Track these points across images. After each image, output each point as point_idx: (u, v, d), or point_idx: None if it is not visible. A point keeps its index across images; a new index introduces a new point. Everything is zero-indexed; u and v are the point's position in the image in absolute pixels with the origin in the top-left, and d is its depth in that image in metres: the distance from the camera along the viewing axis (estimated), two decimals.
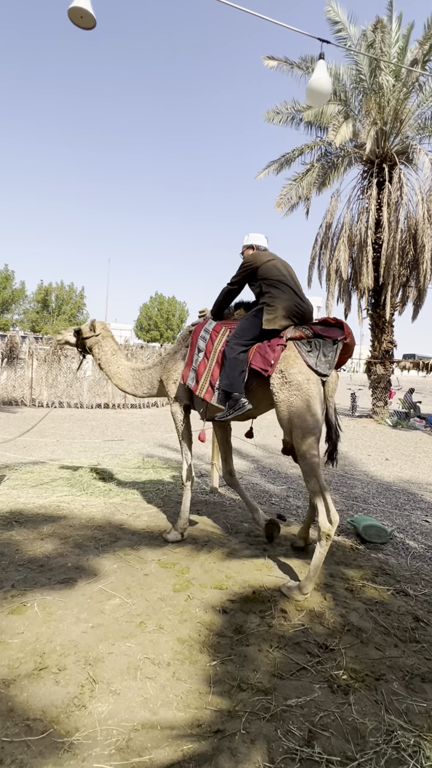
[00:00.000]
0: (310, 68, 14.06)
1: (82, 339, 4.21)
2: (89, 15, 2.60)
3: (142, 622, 2.39)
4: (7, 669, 1.98)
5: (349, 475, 6.39)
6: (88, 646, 2.17)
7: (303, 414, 2.80)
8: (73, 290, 46.73)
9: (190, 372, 3.37)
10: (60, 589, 2.70)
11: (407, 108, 13.78)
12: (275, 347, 2.96)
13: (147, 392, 4.00)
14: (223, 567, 3.10)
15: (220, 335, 3.28)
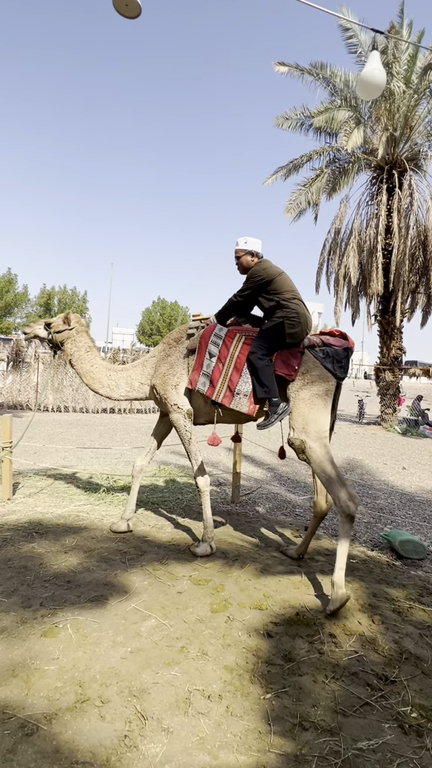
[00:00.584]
0: (320, 74, 14.07)
1: (53, 333, 3.85)
2: (135, 2, 2.48)
3: (183, 647, 2.23)
4: (47, 701, 1.82)
5: (369, 485, 6.23)
6: (129, 675, 2.01)
7: (321, 410, 3.09)
8: (75, 294, 46.70)
9: (200, 377, 3.33)
10: (91, 609, 2.54)
11: (417, 114, 13.76)
12: (296, 354, 3.19)
13: (124, 395, 3.82)
14: (258, 585, 2.94)
15: (235, 341, 3.30)
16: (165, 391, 3.53)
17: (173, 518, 4.24)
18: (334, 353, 3.18)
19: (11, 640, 2.20)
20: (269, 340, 3.19)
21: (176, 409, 3.50)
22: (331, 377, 3.15)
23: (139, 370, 3.81)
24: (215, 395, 3.29)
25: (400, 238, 13.34)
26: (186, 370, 3.50)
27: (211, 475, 6.13)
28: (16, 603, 2.56)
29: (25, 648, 2.15)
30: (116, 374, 3.83)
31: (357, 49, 13.67)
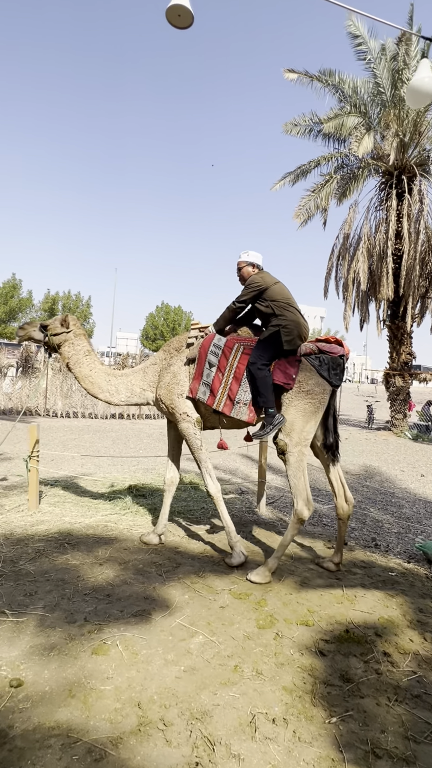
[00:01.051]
0: (329, 81, 14.12)
1: (50, 336, 3.76)
2: (187, 12, 2.47)
3: (236, 666, 2.18)
4: (110, 724, 1.77)
5: (390, 493, 6.17)
6: (188, 695, 1.96)
7: (309, 418, 3.19)
8: (79, 299, 46.81)
9: (200, 386, 3.39)
10: (136, 624, 2.50)
11: (426, 120, 13.77)
12: (293, 362, 3.27)
13: (125, 400, 3.79)
14: (301, 599, 2.89)
15: (234, 351, 3.36)
16: (171, 401, 3.53)
17: (202, 528, 4.19)
18: (330, 361, 3.27)
19: (63, 658, 2.16)
20: (268, 349, 3.26)
21: (185, 418, 3.49)
22: (327, 385, 3.26)
23: (140, 376, 3.79)
24: (216, 404, 3.35)
25: (410, 243, 13.33)
26: (188, 378, 3.52)
27: (231, 483, 6.08)
28: (61, 618, 2.51)
29: (77, 666, 2.11)
30: (116, 380, 3.81)
31: (366, 56, 13.71)
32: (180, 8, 2.45)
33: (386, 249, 13.58)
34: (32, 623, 2.45)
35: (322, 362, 3.26)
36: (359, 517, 4.88)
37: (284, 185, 16.10)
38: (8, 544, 3.50)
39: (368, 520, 4.80)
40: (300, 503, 3.11)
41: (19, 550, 3.41)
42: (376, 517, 4.96)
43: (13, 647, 2.23)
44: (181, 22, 2.55)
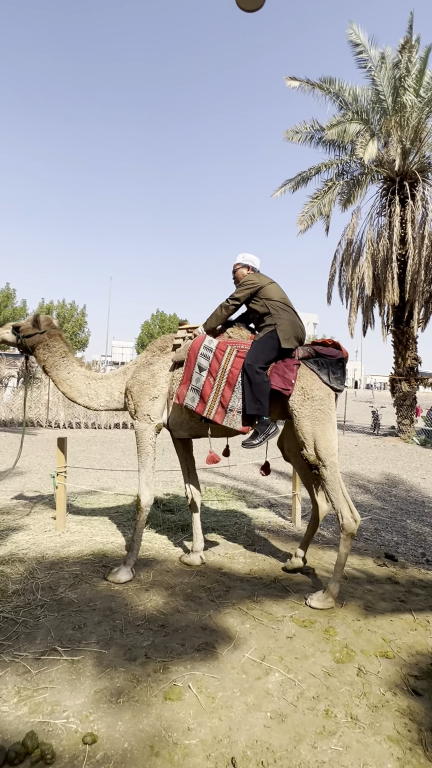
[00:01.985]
0: (330, 89, 14.15)
1: (22, 338, 3.50)
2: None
3: (327, 711, 1.95)
4: None
5: (421, 502, 5.97)
6: (284, 749, 1.73)
7: (326, 425, 3.00)
8: (74, 308, 46.53)
9: (189, 391, 3.09)
10: (202, 660, 2.26)
11: (427, 127, 13.83)
12: (292, 367, 3.07)
13: (104, 405, 3.53)
14: (371, 626, 2.67)
15: (227, 354, 3.11)
16: (140, 399, 3.26)
17: (240, 545, 3.96)
18: (329, 364, 3.10)
19: (134, 706, 1.92)
20: (266, 349, 3.06)
21: (147, 420, 3.23)
22: (329, 389, 3.07)
23: (120, 379, 3.54)
24: (206, 412, 3.07)
25: (414, 248, 13.31)
26: (168, 382, 3.27)
27: (257, 496, 5.86)
28: (119, 655, 2.27)
29: (153, 715, 1.87)
30: (96, 383, 3.54)
31: (367, 63, 13.77)
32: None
33: (391, 254, 13.54)
34: (89, 662, 2.21)
35: (321, 366, 3.09)
36: (399, 530, 4.68)
37: (285, 192, 16.09)
38: (42, 569, 3.25)
39: (409, 533, 4.59)
40: (346, 517, 2.93)
41: (56, 575, 3.15)
42: (416, 529, 4.76)
43: (77, 693, 1.98)
44: (251, 5, 2.39)
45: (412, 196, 13.72)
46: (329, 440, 2.99)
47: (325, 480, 2.99)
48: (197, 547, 3.54)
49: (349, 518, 2.93)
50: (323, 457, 2.98)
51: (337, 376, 3.10)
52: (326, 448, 2.98)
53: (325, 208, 14.95)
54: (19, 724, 1.80)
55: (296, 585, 3.21)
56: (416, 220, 13.62)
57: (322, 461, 2.98)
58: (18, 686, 2.02)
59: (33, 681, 2.06)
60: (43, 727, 1.78)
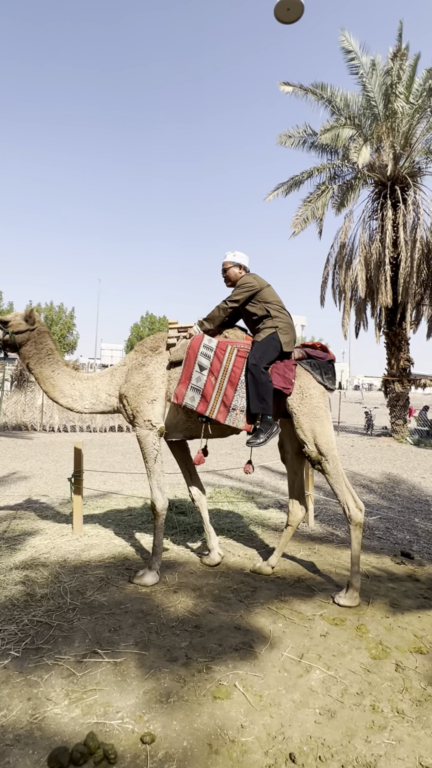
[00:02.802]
0: (322, 95, 14.34)
1: (12, 334, 3.31)
2: (298, 4, 2.33)
3: (373, 706, 2.00)
4: None
5: (425, 501, 6.08)
6: (338, 744, 1.77)
7: (324, 421, 3.12)
8: (62, 311, 46.09)
9: (188, 391, 3.07)
10: (242, 660, 2.29)
11: (416, 133, 14.11)
12: (291, 367, 3.17)
13: (89, 407, 3.42)
14: (400, 622, 2.73)
15: (228, 353, 3.13)
16: (138, 404, 3.19)
17: (257, 546, 3.99)
18: (321, 365, 3.24)
19: (186, 705, 1.94)
20: (268, 351, 3.11)
21: (148, 426, 3.18)
22: (323, 388, 3.20)
23: (107, 380, 3.43)
24: (209, 411, 3.07)
25: (406, 251, 13.54)
26: (165, 383, 3.24)
27: (265, 497, 5.90)
28: (160, 656, 2.28)
29: (206, 714, 1.89)
30: (81, 383, 3.42)
31: (358, 70, 13.99)
32: (290, 2, 2.32)
33: (384, 257, 13.75)
34: (132, 664, 2.22)
35: (314, 366, 3.22)
36: (409, 528, 4.77)
37: (278, 195, 16.23)
38: (66, 573, 3.24)
39: (419, 531, 4.68)
40: (351, 508, 3.06)
41: (81, 579, 3.15)
42: (425, 527, 4.85)
43: (126, 694, 1.99)
44: (289, 16, 2.42)
45: (403, 200, 13.96)
46: (328, 435, 3.11)
47: (328, 474, 3.08)
48: (213, 544, 3.56)
49: (354, 509, 3.06)
50: (324, 451, 3.07)
51: (329, 376, 3.26)
52: (327, 443, 3.09)
53: (318, 212, 15.11)
54: (75, 725, 1.80)
55: (320, 584, 3.25)
56: (408, 224, 13.86)
57: (324, 456, 3.08)
58: (66, 689, 2.02)
59: (79, 683, 2.06)
60: (99, 728, 1.79)
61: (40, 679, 2.08)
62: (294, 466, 3.51)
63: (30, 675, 2.10)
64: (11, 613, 2.66)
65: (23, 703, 1.92)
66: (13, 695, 1.97)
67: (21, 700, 1.94)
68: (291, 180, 15.90)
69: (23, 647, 2.32)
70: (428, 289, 14.70)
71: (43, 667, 2.16)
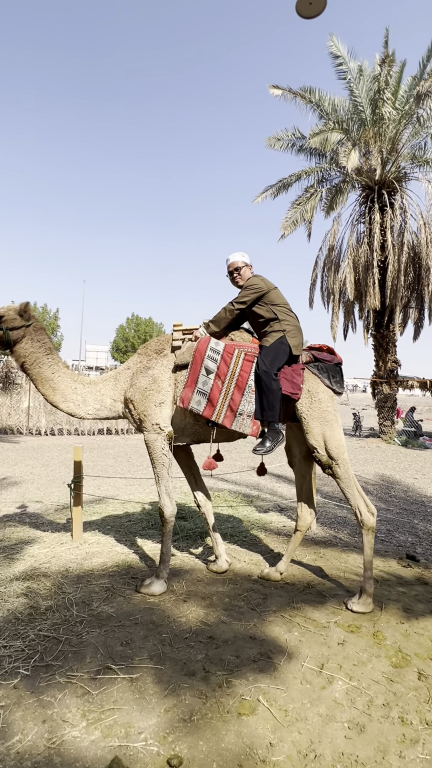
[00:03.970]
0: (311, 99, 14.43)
1: (6, 330, 3.11)
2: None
3: (402, 718, 1.94)
4: None
5: (421, 502, 6.11)
6: (372, 761, 1.70)
7: (334, 425, 3.08)
8: (46, 312, 45.41)
9: (195, 395, 3.00)
10: (261, 672, 2.21)
11: (403, 138, 14.31)
12: (299, 371, 3.12)
13: (93, 413, 3.28)
14: (416, 628, 2.69)
15: (235, 357, 3.06)
16: (146, 408, 3.10)
17: (261, 552, 3.92)
18: (329, 368, 3.20)
19: (210, 723, 1.85)
20: (279, 356, 3.05)
21: (156, 430, 3.09)
22: (331, 392, 3.17)
23: (111, 384, 3.31)
24: (215, 415, 3.00)
25: (394, 255, 13.70)
26: (171, 386, 3.16)
27: (264, 500, 5.84)
28: (177, 671, 2.19)
29: (233, 733, 1.81)
30: (83, 388, 3.27)
31: (346, 75, 14.12)
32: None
33: (372, 260, 13.89)
34: (149, 679, 2.12)
35: (321, 370, 3.18)
36: (410, 530, 4.76)
37: (266, 197, 16.29)
38: (69, 583, 3.12)
39: (420, 533, 4.68)
40: (363, 512, 3.02)
41: (86, 589, 3.03)
42: (425, 528, 4.85)
43: (147, 714, 1.90)
44: (310, 11, 2.38)
45: (390, 204, 14.13)
46: (338, 439, 3.06)
47: (339, 478, 3.04)
48: (220, 551, 3.48)
49: (366, 513, 3.02)
50: (335, 455, 3.03)
51: (337, 379, 3.20)
52: (337, 447, 3.04)
53: (307, 214, 15.20)
54: (96, 749, 1.70)
55: (331, 590, 3.20)
56: (395, 228, 14.03)
57: (335, 459, 3.03)
58: (82, 708, 1.92)
59: (96, 702, 1.96)
60: (123, 751, 1.70)
61: (53, 699, 1.97)
62: (302, 470, 3.46)
63: (42, 695, 1.99)
64: (15, 628, 2.53)
65: (38, 727, 1.81)
66: (27, 718, 1.85)
67: (35, 722, 1.83)
68: (279, 182, 15.97)
69: (32, 664, 2.20)
70: (415, 292, 14.92)
71: (55, 686, 2.05)
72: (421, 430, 15.98)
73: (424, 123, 13.94)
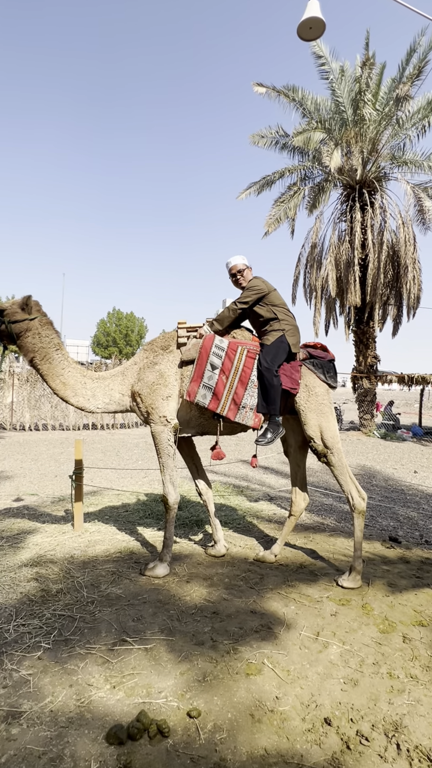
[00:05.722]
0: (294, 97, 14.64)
1: (8, 323, 3.14)
2: (319, 23, 2.46)
3: (390, 673, 2.19)
4: (318, 747, 1.72)
5: (400, 490, 6.45)
6: (366, 707, 1.95)
7: (329, 416, 3.34)
8: None
9: (200, 389, 3.20)
10: (264, 640, 2.44)
11: (383, 139, 14.68)
12: (297, 367, 3.37)
13: (102, 407, 3.41)
14: (400, 600, 2.96)
15: (238, 353, 3.27)
16: (153, 401, 3.28)
17: (255, 537, 4.15)
18: (323, 364, 3.46)
19: (222, 683, 2.06)
20: (279, 353, 3.28)
21: (163, 422, 3.28)
22: (327, 387, 3.42)
23: (119, 379, 3.46)
24: (220, 408, 3.21)
25: (374, 253, 14.08)
26: (177, 380, 3.35)
27: (253, 490, 6.08)
28: (187, 641, 2.40)
29: (243, 689, 2.02)
30: (92, 383, 3.41)
31: (328, 75, 14.37)
32: (312, 21, 2.46)
33: (353, 258, 14.24)
34: (162, 649, 2.32)
35: (317, 366, 3.43)
36: (392, 516, 5.08)
37: (250, 194, 16.47)
38: (76, 569, 3.28)
39: (401, 518, 5.00)
40: (355, 497, 3.28)
41: (93, 574, 3.20)
42: (405, 514, 5.18)
43: (164, 677, 2.10)
44: (310, 34, 2.56)
45: (371, 203, 14.49)
46: (333, 430, 3.32)
47: (334, 465, 3.30)
48: (219, 536, 3.69)
49: (358, 498, 3.29)
50: (330, 445, 3.29)
51: (331, 374, 3.47)
52: (332, 437, 3.30)
53: (290, 212, 15.46)
54: (122, 706, 1.89)
55: (322, 569, 3.45)
56: (375, 227, 14.41)
57: (330, 449, 3.29)
58: (104, 674, 2.10)
59: (116, 669, 2.15)
60: (147, 706, 1.89)
61: (77, 667, 2.15)
62: (297, 459, 3.69)
63: (66, 664, 2.17)
64: (31, 608, 2.69)
65: (66, 690, 1.99)
66: (55, 683, 2.03)
67: (63, 687, 2.01)
68: (263, 179, 16.16)
69: (52, 639, 2.37)
70: (394, 289, 15.36)
71: (77, 657, 2.23)
72: (399, 423, 16.55)
73: (403, 125, 14.32)
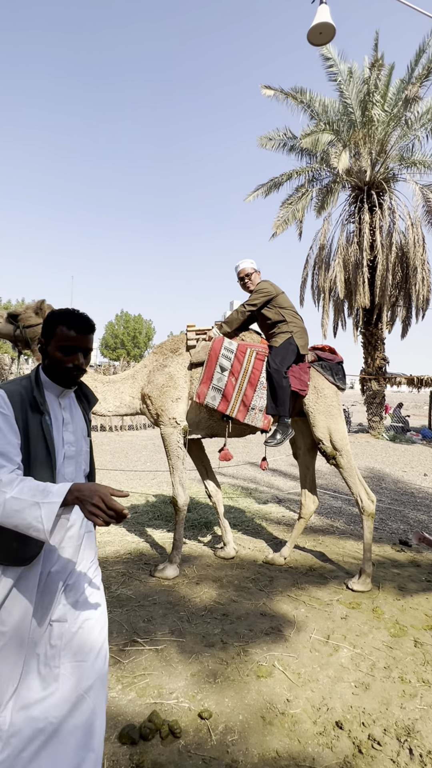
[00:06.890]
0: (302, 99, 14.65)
1: (23, 328, 3.12)
2: (329, 28, 2.48)
3: (401, 677, 2.18)
4: (329, 750, 1.72)
5: (410, 493, 6.41)
6: (377, 711, 1.94)
7: (338, 419, 3.36)
8: None
9: (210, 390, 3.21)
10: (274, 642, 2.44)
11: (392, 140, 14.62)
12: (305, 369, 3.38)
13: (113, 410, 3.44)
14: (411, 604, 2.94)
15: (247, 356, 3.28)
16: (163, 403, 3.32)
17: (264, 539, 4.15)
18: (332, 366, 3.47)
19: (233, 684, 2.07)
20: (288, 355, 3.29)
21: (173, 424, 3.31)
22: (335, 389, 3.43)
23: (129, 383, 3.50)
24: (229, 410, 3.22)
25: (383, 254, 14.01)
26: (187, 382, 3.37)
27: (261, 492, 6.07)
28: (197, 642, 2.40)
29: (254, 691, 2.03)
30: (103, 386, 3.45)
31: (337, 77, 14.35)
32: (322, 26, 2.48)
33: (361, 260, 14.19)
34: (173, 650, 2.33)
35: (325, 368, 3.44)
36: (401, 519, 5.04)
37: (258, 196, 16.48)
38: None
39: (411, 521, 4.96)
40: (364, 499, 3.28)
41: (104, 575, 3.21)
42: (415, 517, 5.14)
43: (175, 677, 2.11)
44: (320, 39, 2.58)
45: (379, 205, 14.43)
46: (342, 432, 3.32)
47: (342, 468, 3.29)
48: (228, 538, 3.69)
49: (367, 500, 3.29)
50: (339, 446, 3.28)
51: (339, 376, 3.46)
52: (341, 439, 3.30)
53: (298, 214, 15.43)
54: (134, 706, 1.91)
55: (331, 572, 3.44)
56: (384, 228, 14.34)
57: (339, 450, 3.28)
58: (116, 675, 2.12)
59: (127, 669, 2.16)
60: (158, 707, 1.90)
61: None
62: (306, 461, 3.69)
63: None
64: None
65: None
66: None
67: None
68: (271, 181, 16.16)
69: None
70: (402, 291, 15.27)
71: None
72: (408, 425, 16.43)
73: (412, 125, 14.25)
